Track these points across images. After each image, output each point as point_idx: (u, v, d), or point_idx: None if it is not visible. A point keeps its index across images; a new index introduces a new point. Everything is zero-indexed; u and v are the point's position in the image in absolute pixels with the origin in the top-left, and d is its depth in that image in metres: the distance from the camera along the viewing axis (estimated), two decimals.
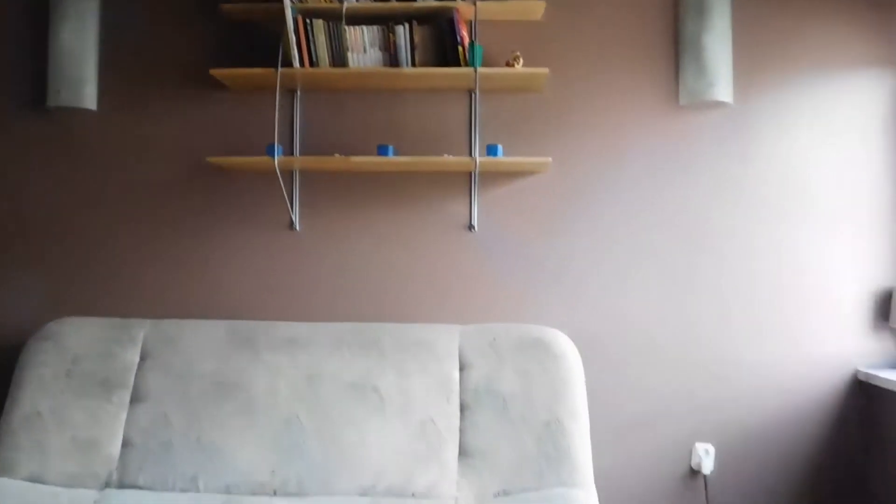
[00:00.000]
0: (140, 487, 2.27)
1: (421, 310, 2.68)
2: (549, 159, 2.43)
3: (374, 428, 2.32)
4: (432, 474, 2.26)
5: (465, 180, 2.67)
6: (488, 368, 2.41)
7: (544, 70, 2.43)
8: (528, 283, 2.66)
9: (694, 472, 2.64)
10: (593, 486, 2.23)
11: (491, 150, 2.50)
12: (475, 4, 2.47)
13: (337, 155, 2.52)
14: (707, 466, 2.62)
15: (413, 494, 2.24)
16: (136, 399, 2.40)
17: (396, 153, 2.54)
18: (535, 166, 2.52)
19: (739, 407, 2.63)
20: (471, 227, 2.67)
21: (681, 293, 2.64)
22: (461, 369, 2.43)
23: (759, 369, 2.63)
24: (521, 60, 2.48)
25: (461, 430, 2.34)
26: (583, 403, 2.34)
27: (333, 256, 2.68)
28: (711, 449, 2.62)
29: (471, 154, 2.63)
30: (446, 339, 2.47)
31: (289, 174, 2.67)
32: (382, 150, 2.52)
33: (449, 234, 2.67)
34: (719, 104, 2.59)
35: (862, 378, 2.59)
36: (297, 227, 2.68)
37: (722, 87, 2.54)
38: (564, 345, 2.42)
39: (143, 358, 2.46)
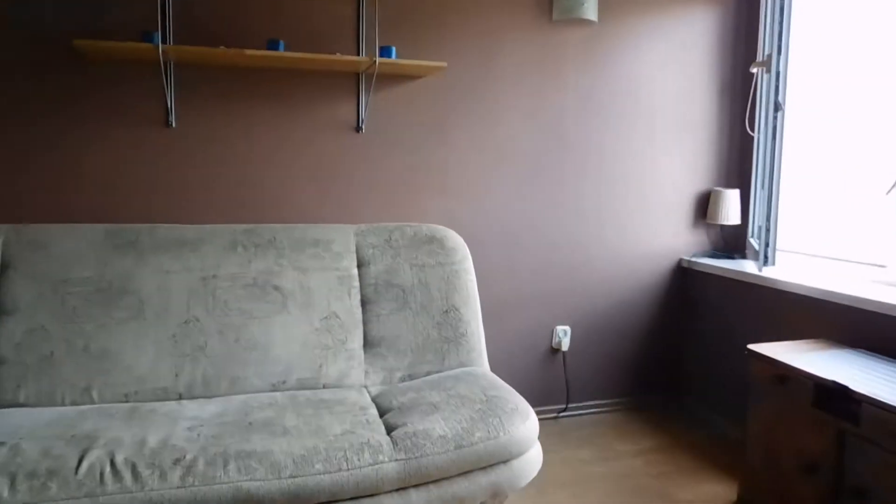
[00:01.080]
0: (23, 405, 2.08)
1: (308, 211, 2.68)
2: (445, 64, 2.52)
3: (279, 324, 2.34)
4: (340, 365, 2.36)
5: (352, 82, 2.66)
6: (386, 264, 2.52)
7: None
8: (414, 182, 2.78)
9: (555, 350, 3.03)
10: (487, 362, 2.49)
11: (385, 52, 2.52)
12: None
13: (223, 47, 2.37)
14: (565, 344, 3.02)
15: (324, 385, 2.32)
16: (1, 312, 2.16)
17: (288, 48, 2.46)
18: (428, 70, 2.59)
19: (591, 293, 3.04)
20: (358, 128, 2.69)
21: (548, 194, 2.94)
22: (360, 266, 2.51)
23: (605, 260, 3.05)
24: None
25: (365, 322, 2.45)
26: (474, 292, 2.56)
27: (215, 156, 2.56)
28: (568, 330, 3.02)
29: (358, 54, 2.63)
30: (343, 238, 2.53)
31: (162, 67, 2.46)
32: (273, 45, 2.43)
33: (336, 134, 2.67)
34: (586, 22, 2.84)
35: (685, 265, 3.12)
36: (174, 125, 2.50)
37: (589, 6, 2.78)
38: (455, 240, 2.60)
39: (4, 267, 2.20)
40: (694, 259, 3.07)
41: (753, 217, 3.01)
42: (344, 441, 1.83)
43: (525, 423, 1.94)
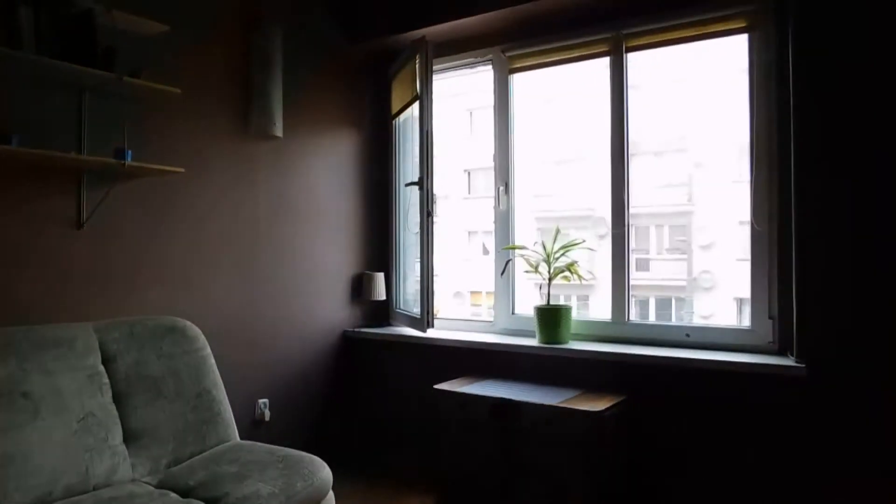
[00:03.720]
0: None
1: (38, 310, 2.54)
2: (183, 169, 2.77)
3: (35, 432, 2.20)
4: (106, 463, 2.34)
5: (74, 178, 2.66)
6: (133, 358, 2.58)
7: (176, 90, 2.75)
8: (140, 276, 2.88)
9: (258, 422, 3.38)
10: (238, 436, 2.76)
11: (122, 154, 2.63)
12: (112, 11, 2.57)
13: None
14: (267, 415, 3.41)
15: (94, 487, 2.27)
16: None
17: (22, 143, 2.38)
18: (164, 173, 2.77)
19: (281, 367, 3.52)
20: (80, 224, 2.68)
21: (250, 282, 3.35)
22: (105, 361, 2.52)
23: (291, 337, 3.58)
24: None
25: (122, 417, 2.47)
26: (217, 374, 2.80)
27: None
28: (268, 402, 3.43)
29: (80, 151, 2.66)
30: (84, 335, 2.50)
31: None
32: (5, 139, 2.32)
33: (59, 231, 2.61)
34: (274, 137, 3.42)
35: (348, 334, 3.88)
36: None
37: (277, 125, 3.38)
38: (194, 329, 2.81)
39: None
40: (357, 329, 3.85)
41: (396, 294, 3.97)
42: None
43: (324, 469, 2.39)
